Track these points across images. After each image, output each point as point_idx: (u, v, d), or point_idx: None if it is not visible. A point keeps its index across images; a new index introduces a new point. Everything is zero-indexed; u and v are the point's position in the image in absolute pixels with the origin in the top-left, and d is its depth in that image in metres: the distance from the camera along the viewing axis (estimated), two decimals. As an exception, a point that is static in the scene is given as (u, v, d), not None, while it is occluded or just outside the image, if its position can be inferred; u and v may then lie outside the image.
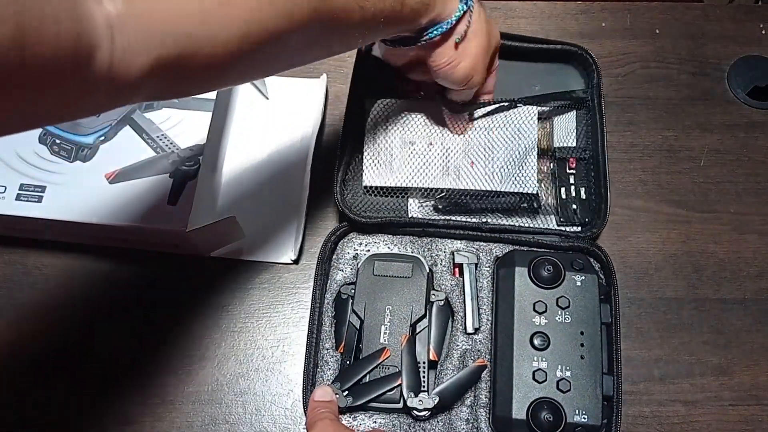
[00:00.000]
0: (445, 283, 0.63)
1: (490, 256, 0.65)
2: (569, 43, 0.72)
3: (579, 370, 0.57)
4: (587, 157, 0.68)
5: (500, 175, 0.66)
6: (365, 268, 0.62)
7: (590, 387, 0.56)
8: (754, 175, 0.72)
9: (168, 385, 0.63)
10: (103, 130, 0.68)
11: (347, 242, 0.66)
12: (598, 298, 0.59)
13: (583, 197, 0.67)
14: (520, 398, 0.56)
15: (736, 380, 0.63)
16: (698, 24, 0.81)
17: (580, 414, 0.55)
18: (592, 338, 0.58)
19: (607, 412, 0.56)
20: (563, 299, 0.59)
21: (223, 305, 0.67)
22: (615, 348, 0.58)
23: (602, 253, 0.63)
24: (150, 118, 0.69)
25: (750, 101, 0.75)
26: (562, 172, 0.69)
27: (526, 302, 0.59)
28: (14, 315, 0.66)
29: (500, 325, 0.60)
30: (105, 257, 0.68)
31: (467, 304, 0.62)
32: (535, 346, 0.57)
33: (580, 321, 0.58)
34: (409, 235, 0.66)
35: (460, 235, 0.65)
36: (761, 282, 0.67)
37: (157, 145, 0.67)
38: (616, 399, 0.56)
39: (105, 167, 0.66)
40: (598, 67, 0.70)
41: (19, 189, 0.64)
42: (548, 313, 0.59)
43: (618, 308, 0.60)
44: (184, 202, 0.64)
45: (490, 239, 0.65)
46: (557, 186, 0.68)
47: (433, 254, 0.65)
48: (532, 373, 0.57)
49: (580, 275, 0.60)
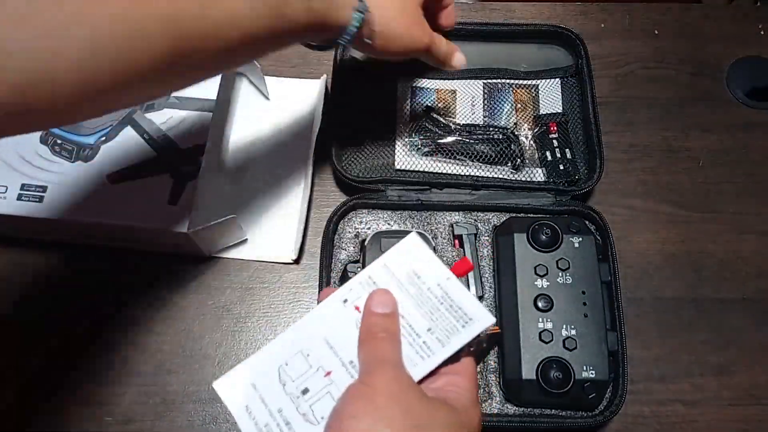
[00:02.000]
0: (446, 255, 0.68)
1: (488, 225, 0.69)
2: (551, 25, 0.77)
3: (583, 328, 0.61)
4: (567, 121, 0.74)
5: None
6: (372, 245, 0.66)
7: (595, 343, 0.60)
8: (753, 175, 0.75)
9: (169, 384, 0.66)
10: (105, 130, 0.70)
11: (347, 222, 0.69)
12: (596, 257, 0.64)
13: (569, 157, 0.72)
14: (528, 359, 0.60)
15: (736, 380, 0.66)
16: (697, 25, 0.84)
17: (588, 370, 0.59)
18: (593, 297, 0.62)
19: (614, 366, 0.61)
20: (563, 261, 0.63)
21: (224, 305, 0.69)
22: (617, 305, 0.63)
23: (597, 215, 0.67)
24: (151, 119, 0.71)
25: (749, 102, 0.79)
26: (545, 137, 0.73)
27: (528, 266, 0.63)
28: (13, 315, 0.69)
29: (504, 290, 0.65)
30: (106, 257, 0.71)
31: (469, 274, 0.66)
32: (539, 307, 0.61)
33: (581, 281, 0.63)
34: (408, 209, 0.70)
35: (457, 206, 0.69)
36: (760, 282, 0.70)
37: (158, 144, 0.70)
38: (621, 353, 0.61)
39: (106, 167, 0.68)
40: (583, 41, 0.75)
41: (20, 189, 0.66)
42: (549, 276, 0.63)
43: (616, 266, 0.64)
44: (185, 203, 0.66)
45: (487, 208, 0.70)
46: (543, 150, 0.73)
47: (433, 227, 0.69)
48: (539, 334, 0.60)
49: (578, 237, 0.64)
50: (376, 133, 0.73)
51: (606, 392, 0.61)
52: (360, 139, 0.73)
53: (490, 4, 0.85)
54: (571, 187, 0.69)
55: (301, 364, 0.44)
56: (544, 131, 0.74)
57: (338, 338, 0.45)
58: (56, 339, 0.68)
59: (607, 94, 0.80)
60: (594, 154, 0.70)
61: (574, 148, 0.72)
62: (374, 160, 0.72)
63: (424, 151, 0.72)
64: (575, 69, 0.76)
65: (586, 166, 0.71)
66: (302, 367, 0.44)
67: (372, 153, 0.73)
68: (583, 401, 0.60)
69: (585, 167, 0.71)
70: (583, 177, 0.71)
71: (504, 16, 0.85)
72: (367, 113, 0.74)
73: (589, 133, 0.71)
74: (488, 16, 0.85)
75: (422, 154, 0.72)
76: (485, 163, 0.72)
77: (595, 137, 0.70)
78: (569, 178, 0.70)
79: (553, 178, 0.71)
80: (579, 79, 0.75)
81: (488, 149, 0.72)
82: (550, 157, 0.72)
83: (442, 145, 0.72)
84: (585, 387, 0.59)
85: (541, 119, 0.74)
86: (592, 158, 0.70)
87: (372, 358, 0.43)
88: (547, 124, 0.74)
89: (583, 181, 0.70)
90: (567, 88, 0.76)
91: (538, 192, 0.70)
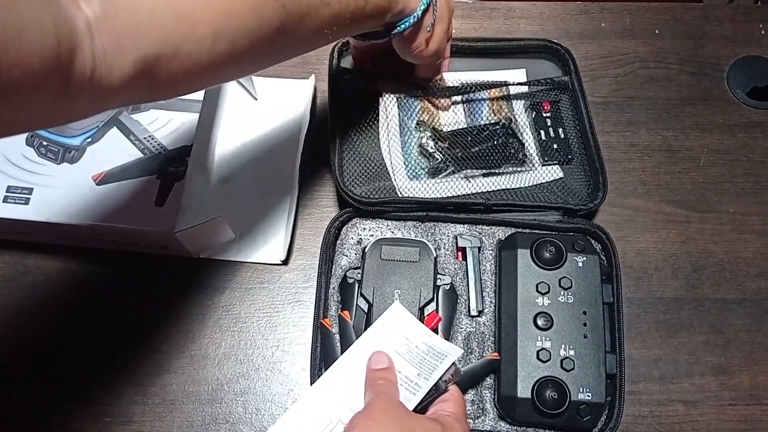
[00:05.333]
0: (448, 267, 0.71)
1: (492, 239, 0.72)
2: (540, 39, 0.81)
3: (582, 349, 0.64)
4: (560, 100, 0.78)
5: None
6: (372, 252, 0.69)
7: (593, 365, 0.63)
8: (753, 175, 0.80)
9: (168, 384, 0.70)
10: (91, 131, 0.74)
11: (350, 228, 0.73)
12: (599, 278, 0.67)
13: (561, 136, 0.76)
14: (524, 377, 0.63)
15: (736, 380, 0.70)
16: (698, 24, 0.89)
17: (584, 392, 0.62)
18: (594, 318, 0.65)
19: (611, 389, 0.64)
20: (565, 280, 0.66)
21: (224, 305, 0.73)
22: (617, 327, 0.66)
23: (603, 234, 0.70)
24: (137, 120, 0.75)
25: (749, 101, 0.84)
26: (539, 116, 0.78)
27: (529, 283, 0.67)
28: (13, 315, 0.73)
29: (504, 306, 0.68)
30: (102, 258, 0.75)
31: (471, 287, 0.70)
32: (539, 326, 0.65)
33: (583, 301, 0.66)
34: (412, 220, 0.73)
35: (463, 219, 0.73)
36: (761, 282, 0.74)
37: (144, 146, 0.74)
38: (619, 377, 0.64)
39: (92, 169, 0.73)
40: (572, 56, 0.79)
41: (6, 191, 0.71)
42: (551, 294, 0.66)
43: (620, 288, 0.67)
44: (172, 204, 0.71)
45: (492, 222, 0.73)
46: (537, 130, 0.77)
47: (437, 238, 0.73)
48: (536, 352, 0.64)
49: (582, 256, 0.68)
50: (376, 151, 0.76)
51: (601, 415, 0.64)
52: (361, 156, 0.75)
53: (490, 4, 0.91)
54: (578, 205, 0.71)
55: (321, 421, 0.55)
56: (537, 111, 0.78)
57: (347, 395, 0.57)
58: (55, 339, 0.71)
59: (607, 94, 0.85)
60: (597, 172, 0.73)
61: (566, 128, 0.77)
62: (378, 182, 0.73)
63: (427, 171, 0.75)
64: (569, 84, 0.79)
65: (590, 184, 0.74)
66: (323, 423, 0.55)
67: (375, 174, 0.74)
68: (578, 423, 0.63)
69: (589, 186, 0.74)
70: (575, 156, 0.75)
71: (504, 15, 0.90)
72: (362, 127, 0.76)
73: (589, 150, 0.74)
74: (488, 15, 0.90)
75: (426, 175, 0.74)
76: (490, 168, 0.74)
77: (595, 154, 0.73)
78: (561, 161, 0.75)
79: (546, 157, 0.75)
80: (572, 95, 0.78)
81: (489, 148, 0.74)
82: (543, 137, 0.76)
83: (443, 161, 0.74)
84: (580, 409, 0.62)
85: (532, 98, 0.78)
86: (595, 175, 0.73)
87: (372, 395, 0.54)
88: (540, 102, 0.78)
89: (589, 200, 0.72)
90: (561, 105, 0.79)
91: (546, 210, 0.72)
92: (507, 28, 0.89)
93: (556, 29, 0.89)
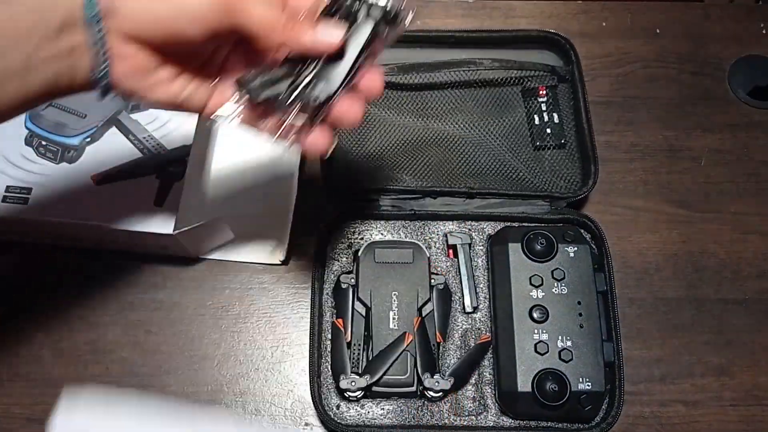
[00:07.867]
0: (440, 265, 0.74)
1: (482, 234, 0.76)
2: (541, 30, 0.84)
3: (579, 339, 0.67)
4: (557, 85, 0.81)
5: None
6: (365, 255, 0.72)
7: (591, 354, 0.66)
8: (754, 175, 0.83)
9: (168, 385, 0.72)
10: (89, 131, 0.76)
11: (340, 232, 0.76)
12: (591, 267, 0.70)
13: (556, 121, 0.79)
14: (524, 371, 0.66)
15: (737, 380, 0.73)
16: (699, 24, 0.92)
17: (584, 381, 0.65)
18: (589, 307, 0.68)
19: (610, 377, 0.67)
20: (558, 271, 0.69)
21: (223, 306, 0.76)
22: (612, 315, 0.69)
23: (592, 223, 0.74)
24: (136, 119, 0.77)
25: (751, 101, 0.86)
26: (534, 100, 0.81)
27: (522, 277, 0.69)
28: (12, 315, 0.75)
29: (498, 301, 0.71)
30: (100, 258, 0.77)
31: (464, 284, 0.73)
32: (535, 318, 0.67)
33: (576, 291, 0.69)
34: (401, 219, 0.76)
35: (451, 215, 0.76)
36: (762, 282, 0.77)
37: (143, 146, 0.76)
38: (618, 364, 0.67)
39: (91, 168, 0.74)
40: (573, 46, 0.82)
41: (5, 191, 0.72)
42: (544, 286, 0.69)
43: (612, 275, 0.70)
44: (171, 204, 0.72)
45: (481, 217, 0.76)
46: (531, 114, 0.80)
47: (426, 237, 0.76)
48: (534, 345, 0.67)
49: (573, 246, 0.71)
50: (362, 141, 0.79)
51: (602, 404, 0.67)
52: (348, 148, 0.79)
53: (491, 3, 0.94)
54: (566, 194, 0.75)
55: None
56: (533, 95, 0.81)
57: None
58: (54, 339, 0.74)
59: (608, 93, 0.88)
60: (588, 161, 0.76)
61: (562, 113, 0.80)
62: (365, 172, 0.77)
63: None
64: (567, 74, 0.82)
65: (581, 172, 0.78)
66: None
67: (362, 163, 0.78)
68: (580, 413, 0.66)
69: (580, 174, 0.78)
70: (569, 142, 0.78)
71: (504, 14, 0.93)
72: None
73: (582, 139, 0.78)
74: (489, 14, 0.93)
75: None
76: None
77: (589, 143, 0.76)
78: (555, 146, 0.78)
79: (539, 141, 0.78)
80: (571, 84, 0.81)
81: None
82: (537, 121, 0.79)
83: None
84: (581, 399, 0.65)
85: (528, 82, 0.81)
86: (587, 164, 0.76)
87: None
88: (536, 87, 0.81)
89: (577, 187, 0.76)
90: (560, 93, 0.82)
91: (533, 199, 0.75)
92: (507, 27, 0.92)
93: (557, 28, 0.89)
